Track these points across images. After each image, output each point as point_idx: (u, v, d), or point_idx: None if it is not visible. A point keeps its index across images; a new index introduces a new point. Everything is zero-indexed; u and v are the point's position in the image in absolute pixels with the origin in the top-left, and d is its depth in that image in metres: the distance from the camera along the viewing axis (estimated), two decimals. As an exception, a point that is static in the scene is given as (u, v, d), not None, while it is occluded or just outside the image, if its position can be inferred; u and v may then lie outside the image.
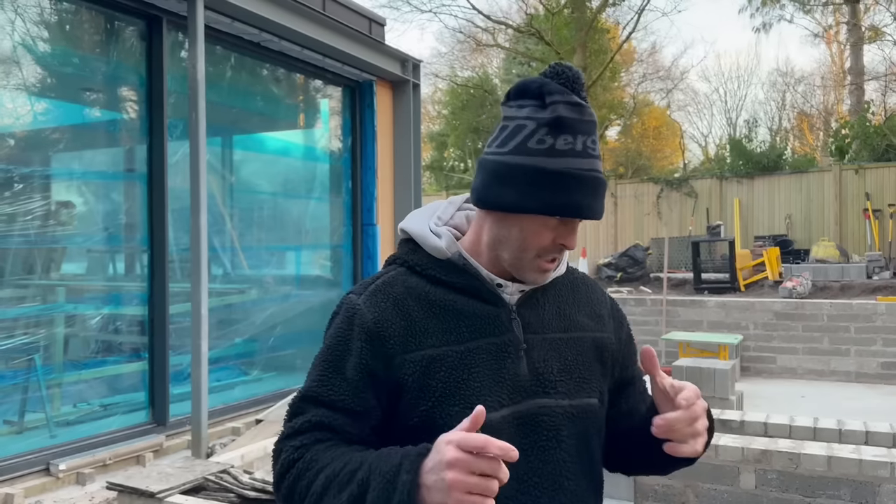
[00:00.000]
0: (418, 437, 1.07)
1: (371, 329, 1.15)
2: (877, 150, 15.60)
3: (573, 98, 1.13)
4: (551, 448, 1.13)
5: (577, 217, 1.12)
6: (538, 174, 1.11)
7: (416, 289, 1.18)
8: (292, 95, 7.58)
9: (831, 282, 10.63)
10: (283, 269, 7.42)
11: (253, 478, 3.34)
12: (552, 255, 1.16)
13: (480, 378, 1.12)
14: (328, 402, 1.14)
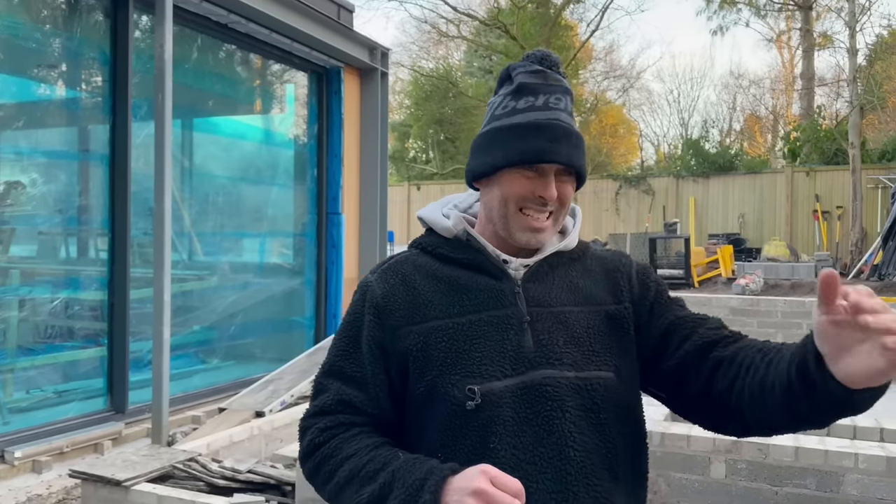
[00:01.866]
0: (424, 405, 1.15)
1: (379, 303, 1.21)
2: (826, 153, 16.10)
3: (534, 66, 1.22)
4: (556, 418, 1.13)
5: (539, 160, 1.16)
6: (500, 132, 1.20)
7: (425, 266, 1.24)
8: (258, 79, 7.44)
9: (782, 280, 10.95)
10: (244, 257, 7.29)
11: (222, 466, 3.27)
12: (534, 208, 1.19)
13: (481, 349, 1.15)
14: (348, 376, 1.21)
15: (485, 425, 1.12)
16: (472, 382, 1.12)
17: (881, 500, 3.12)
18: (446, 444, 1.13)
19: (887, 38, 20.70)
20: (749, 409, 1.10)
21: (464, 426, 1.13)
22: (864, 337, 0.89)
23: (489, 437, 1.12)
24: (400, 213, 17.09)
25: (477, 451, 1.11)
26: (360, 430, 1.18)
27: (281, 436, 4.78)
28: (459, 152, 22.17)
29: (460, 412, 1.12)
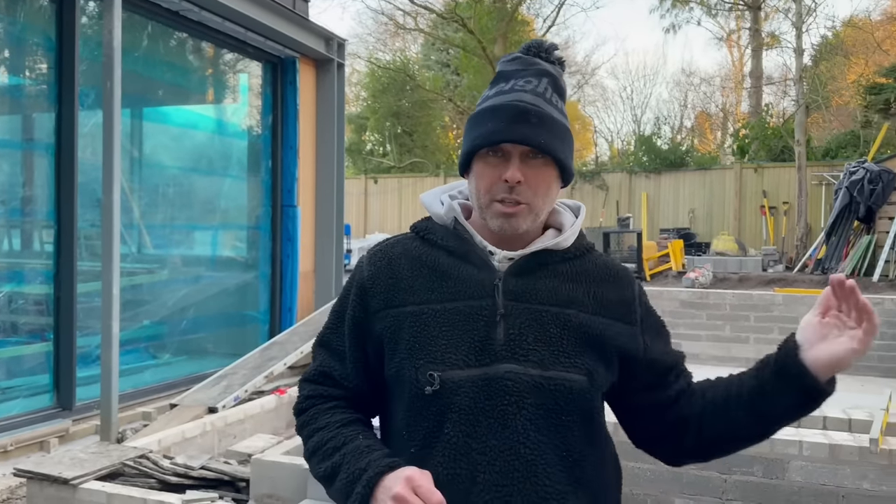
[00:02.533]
0: (394, 385, 1.21)
1: (364, 284, 1.26)
2: (774, 150, 16.54)
3: (513, 55, 1.26)
4: (511, 413, 1.13)
5: (491, 141, 1.17)
6: (469, 122, 1.24)
7: (414, 251, 1.27)
8: (211, 69, 7.29)
9: (730, 273, 11.22)
10: (196, 250, 7.15)
11: (174, 463, 3.22)
12: (504, 195, 1.18)
13: (448, 337, 1.17)
14: (333, 349, 1.29)
15: (441, 411, 1.15)
16: (434, 368, 1.15)
17: (823, 485, 3.23)
18: (408, 423, 1.18)
19: (831, 40, 21.36)
20: (709, 424, 1.22)
21: (423, 409, 1.16)
22: (841, 332, 1.13)
23: (444, 423, 1.14)
24: (357, 205, 16.97)
25: (432, 434, 1.15)
26: (335, 404, 1.25)
27: (234, 432, 4.72)
28: (417, 145, 22.11)
29: (421, 395, 1.16)
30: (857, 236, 10.62)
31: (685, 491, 3.38)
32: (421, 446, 1.16)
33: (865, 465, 3.18)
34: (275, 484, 3.32)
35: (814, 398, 1.17)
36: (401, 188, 17.11)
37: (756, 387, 1.19)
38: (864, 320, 1.11)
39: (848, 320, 1.13)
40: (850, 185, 10.38)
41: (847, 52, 21.19)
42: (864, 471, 3.18)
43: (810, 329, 1.16)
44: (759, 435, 1.24)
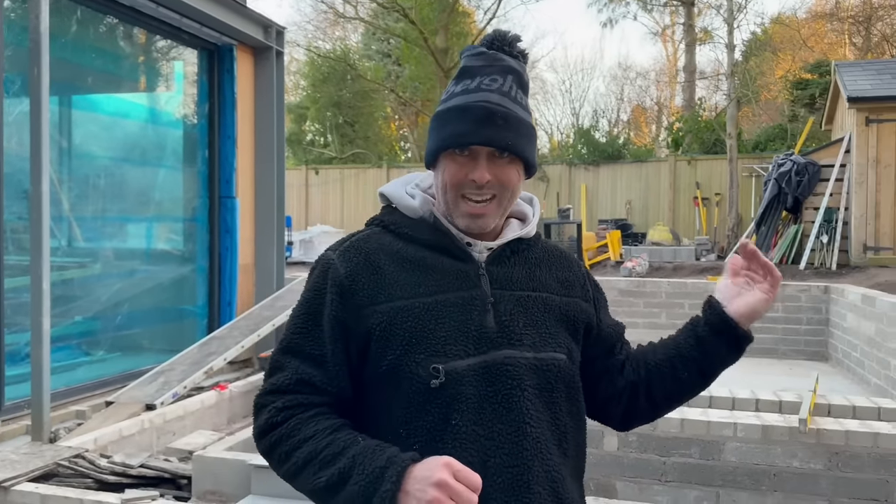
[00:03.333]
0: (386, 382, 1.18)
1: (343, 282, 1.22)
2: (706, 143, 17.04)
3: (477, 48, 1.26)
4: (515, 396, 1.19)
5: (459, 143, 1.20)
6: (436, 118, 1.25)
7: (389, 245, 1.25)
8: (143, 55, 7.06)
9: (665, 262, 11.52)
10: (130, 243, 6.93)
11: (111, 462, 3.12)
12: (472, 194, 1.21)
13: (446, 329, 1.18)
14: (307, 354, 1.21)
15: (447, 402, 1.15)
16: (436, 361, 1.16)
17: (757, 465, 3.37)
18: (408, 420, 1.17)
19: (760, 36, 22.12)
20: (658, 386, 1.35)
21: (426, 403, 1.16)
22: (751, 287, 1.30)
23: (451, 414, 1.15)
24: (297, 197, 16.72)
25: (438, 427, 1.15)
26: (318, 412, 1.19)
27: (174, 428, 4.61)
28: (359, 136, 21.89)
29: (424, 389, 1.15)
30: (786, 226, 11.05)
31: (626, 474, 3.47)
32: (426, 441, 1.15)
33: (795, 444, 3.32)
34: (218, 480, 3.26)
35: (741, 347, 1.33)
36: (343, 179, 16.94)
37: (695, 346, 1.32)
38: (769, 274, 1.29)
39: (757, 277, 1.30)
40: (779, 176, 10.78)
41: (775, 49, 21.99)
42: (793, 450, 3.32)
43: (725, 289, 1.32)
44: (700, 388, 1.38)
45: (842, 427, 3.35)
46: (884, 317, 6.66)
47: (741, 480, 3.38)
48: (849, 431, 3.31)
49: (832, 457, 3.31)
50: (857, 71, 10.90)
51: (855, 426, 3.37)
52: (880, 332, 6.74)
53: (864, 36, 20.73)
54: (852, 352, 7.59)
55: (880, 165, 9.86)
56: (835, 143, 10.96)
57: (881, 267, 9.44)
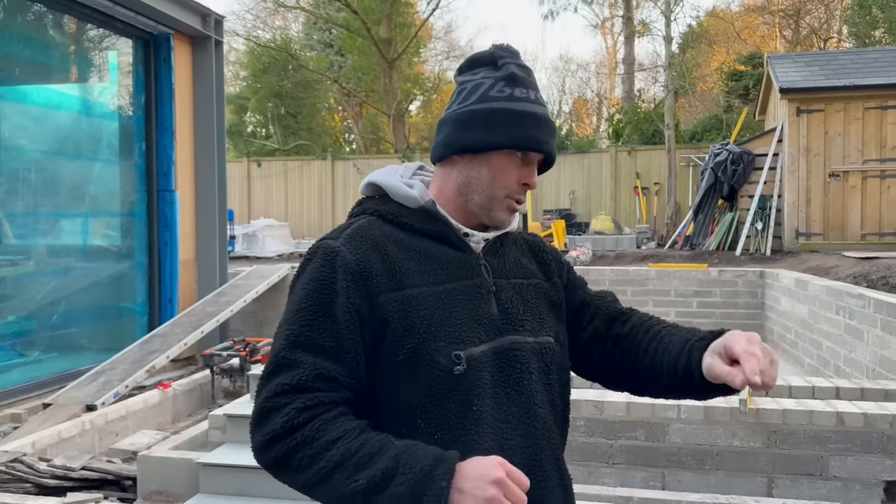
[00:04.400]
0: (403, 371, 1.17)
1: (354, 269, 1.19)
2: (646, 134, 17.40)
3: (522, 61, 1.31)
4: (524, 380, 1.24)
5: (540, 150, 1.26)
6: (503, 114, 1.24)
7: (391, 234, 1.25)
8: (75, 45, 6.81)
9: (608, 251, 11.74)
10: (64, 239, 6.69)
11: (52, 465, 3.02)
12: (518, 195, 1.28)
13: (461, 316, 1.20)
14: (321, 347, 1.15)
15: (468, 389, 1.17)
16: (456, 348, 1.17)
17: (700, 445, 3.47)
18: (427, 408, 1.16)
19: (696, 29, 22.68)
20: (643, 382, 1.38)
21: (448, 390, 1.16)
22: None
23: (472, 400, 1.17)
24: (239, 190, 16.37)
25: (460, 414, 1.16)
26: (340, 412, 1.13)
27: (116, 429, 4.49)
28: (302, 127, 21.55)
29: (446, 377, 1.16)
30: (722, 214, 11.37)
31: (574, 458, 3.54)
32: (448, 428, 1.15)
33: (736, 424, 3.44)
34: (164, 480, 3.19)
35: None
36: (286, 172, 16.67)
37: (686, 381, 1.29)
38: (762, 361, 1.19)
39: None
40: (715, 165, 11.09)
41: (710, 41, 22.58)
42: (734, 429, 3.44)
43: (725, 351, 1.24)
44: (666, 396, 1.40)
45: (779, 406, 3.48)
46: (816, 299, 6.94)
47: (685, 461, 3.48)
48: (786, 410, 3.45)
49: (770, 435, 3.44)
50: (787, 63, 11.27)
51: (791, 405, 3.51)
52: (813, 314, 7.03)
53: (793, 29, 21.48)
54: (787, 334, 7.89)
55: (810, 154, 10.25)
56: (768, 133, 11.33)
57: (812, 252, 9.82)
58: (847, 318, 6.14)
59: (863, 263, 7.86)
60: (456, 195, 1.28)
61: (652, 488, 3.43)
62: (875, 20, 18.30)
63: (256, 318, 8.55)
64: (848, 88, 10.06)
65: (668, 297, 8.93)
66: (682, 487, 3.44)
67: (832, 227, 10.22)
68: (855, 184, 10.14)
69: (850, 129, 10.13)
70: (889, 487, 3.38)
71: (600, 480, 3.50)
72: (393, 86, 17.63)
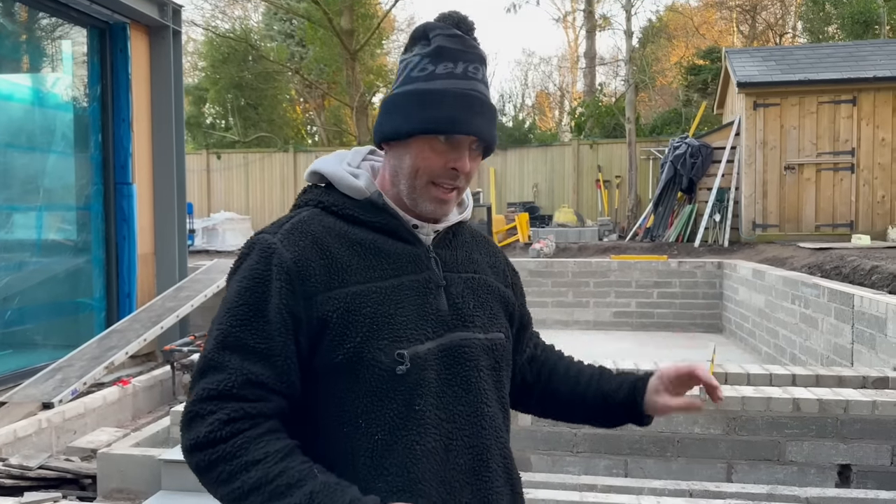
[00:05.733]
0: (343, 372, 1.12)
1: (291, 268, 1.13)
2: (607, 127, 17.59)
3: (453, 31, 1.20)
4: (473, 378, 1.19)
5: (458, 131, 1.16)
6: (416, 96, 1.17)
7: (334, 228, 1.18)
8: (26, 34, 6.61)
9: (571, 243, 11.85)
10: (16, 234, 6.51)
11: (7, 464, 2.94)
12: (446, 181, 1.19)
13: (406, 313, 1.15)
14: (251, 349, 1.10)
15: (411, 388, 1.13)
16: (399, 347, 1.12)
17: (661, 432, 3.54)
18: (368, 409, 1.12)
19: (656, 23, 22.97)
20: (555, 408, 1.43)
21: (390, 391, 1.12)
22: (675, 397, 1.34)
23: (415, 400, 1.13)
24: (199, 182, 16.11)
25: (402, 414, 1.12)
26: (267, 429, 1.08)
27: (74, 427, 4.39)
28: (262, 119, 21.26)
29: (388, 377, 1.12)
30: (681, 206, 11.56)
31: (539, 447, 3.57)
32: (389, 429, 1.11)
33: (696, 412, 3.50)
34: (125, 478, 3.13)
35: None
36: (247, 164, 16.46)
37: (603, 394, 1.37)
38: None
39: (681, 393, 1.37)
40: (675, 159, 11.27)
41: (670, 36, 22.90)
42: (694, 417, 3.51)
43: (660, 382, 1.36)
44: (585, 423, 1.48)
45: (738, 393, 3.56)
46: (772, 289, 7.11)
47: (647, 448, 3.54)
48: (744, 397, 3.53)
49: (730, 422, 3.51)
50: (745, 58, 11.50)
51: (750, 392, 3.59)
52: (769, 303, 7.19)
53: (750, 24, 21.90)
54: (744, 323, 8.07)
55: (767, 147, 10.48)
56: (726, 127, 11.55)
57: (768, 243, 10.05)
58: (802, 307, 6.30)
59: (817, 254, 8.07)
60: (390, 185, 1.22)
61: (615, 475, 3.48)
62: (828, 16, 18.75)
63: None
64: (803, 83, 10.30)
65: (629, 289, 9.06)
66: (645, 474, 3.50)
67: (788, 219, 10.47)
68: (809, 176, 10.40)
69: (804, 123, 10.38)
70: (843, 471, 3.49)
71: (565, 469, 3.54)
72: (355, 77, 17.51)
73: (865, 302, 5.01)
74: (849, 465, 3.47)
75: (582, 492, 2.97)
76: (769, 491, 3.09)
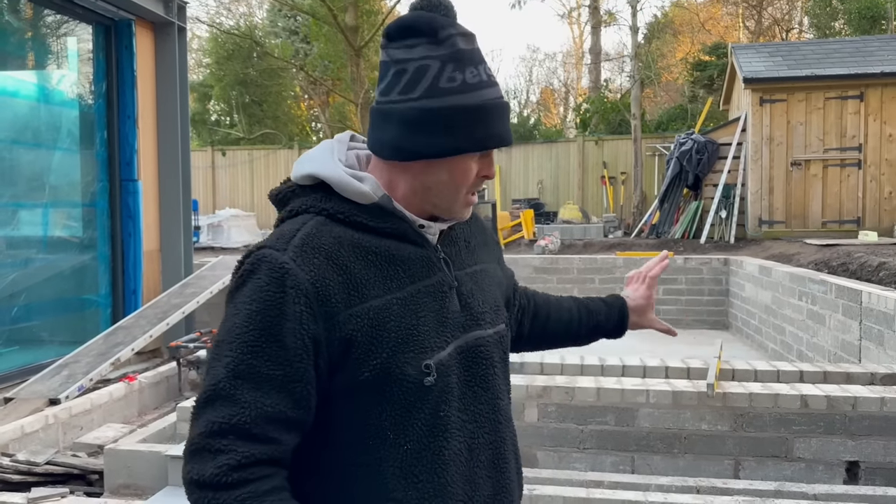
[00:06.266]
0: (370, 389, 1.08)
1: (309, 290, 1.05)
2: (612, 123, 17.55)
3: (464, 28, 1.14)
4: (489, 375, 1.20)
5: (503, 145, 1.15)
6: (461, 112, 1.10)
7: (345, 238, 1.11)
8: (32, 30, 6.62)
9: (576, 240, 11.84)
10: (23, 230, 6.52)
11: (15, 460, 2.95)
12: (477, 188, 1.20)
13: (427, 322, 1.13)
14: (267, 377, 1.03)
15: (438, 396, 1.12)
16: (424, 357, 1.10)
17: (668, 429, 3.52)
18: (397, 422, 1.09)
19: (661, 19, 22.90)
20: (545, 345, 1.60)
21: (418, 401, 1.10)
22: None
23: (440, 407, 1.12)
24: (204, 179, 16.13)
25: (429, 423, 1.11)
26: (273, 486, 1.03)
27: (81, 423, 4.40)
28: (267, 116, 21.26)
29: (416, 389, 1.09)
30: (687, 203, 11.53)
31: (546, 444, 3.56)
32: (417, 438, 1.09)
33: (703, 408, 3.49)
34: (132, 474, 3.13)
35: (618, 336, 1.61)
36: (252, 161, 16.47)
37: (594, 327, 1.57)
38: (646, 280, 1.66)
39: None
40: (680, 155, 11.23)
41: (675, 31, 22.82)
42: (702, 413, 3.50)
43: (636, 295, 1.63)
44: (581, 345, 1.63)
45: (745, 390, 3.54)
46: (779, 286, 7.08)
47: (654, 444, 3.53)
48: (752, 394, 3.51)
49: (737, 418, 3.50)
50: (751, 53, 11.44)
51: (757, 388, 3.57)
52: (776, 300, 7.16)
53: (756, 20, 21.79)
54: (751, 320, 8.04)
55: (773, 143, 10.43)
56: (732, 123, 11.50)
57: (775, 239, 10.01)
58: (809, 303, 6.27)
59: (824, 250, 8.04)
60: (412, 196, 1.16)
61: (622, 472, 3.47)
62: (835, 11, 18.66)
63: (223, 309, 8.43)
64: (809, 78, 10.25)
65: (635, 285, 9.04)
66: (652, 471, 3.49)
67: (794, 215, 10.42)
68: (816, 172, 10.35)
69: (811, 119, 10.33)
70: (851, 468, 3.47)
71: (571, 465, 3.53)
72: (360, 74, 17.48)
73: (873, 298, 4.98)
74: (857, 462, 3.45)
75: (588, 488, 2.96)
76: (777, 488, 3.07)
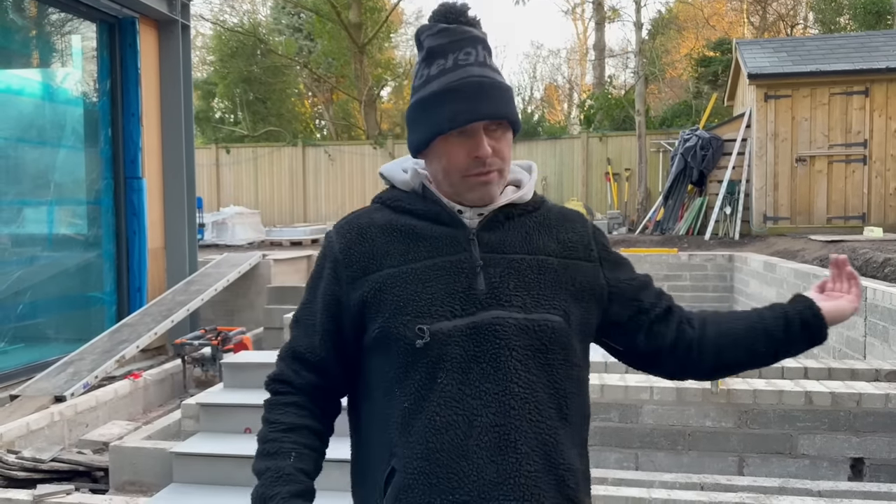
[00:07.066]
0: (379, 347, 1.24)
1: (338, 257, 1.30)
2: (616, 120, 17.50)
3: (437, 26, 1.27)
4: (503, 357, 1.21)
5: (457, 125, 1.22)
6: (419, 105, 1.27)
7: (383, 219, 1.31)
8: (36, 29, 6.63)
9: (581, 237, 11.80)
10: (28, 228, 6.55)
11: (20, 457, 2.96)
12: (475, 170, 1.25)
13: (432, 291, 1.23)
14: (303, 324, 1.34)
15: (433, 362, 1.20)
16: (422, 322, 1.21)
17: (672, 425, 3.52)
18: (399, 379, 1.22)
19: (665, 15, 22.82)
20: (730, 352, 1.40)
21: (413, 363, 1.21)
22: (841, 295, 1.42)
23: (437, 373, 1.20)
24: (208, 177, 16.14)
25: (425, 386, 1.21)
26: (293, 400, 1.30)
27: (86, 420, 4.42)
28: (271, 113, 21.27)
29: (411, 350, 1.21)
30: (691, 199, 11.49)
31: (550, 442, 3.56)
32: (414, 399, 1.20)
33: (707, 405, 3.49)
34: (137, 470, 3.15)
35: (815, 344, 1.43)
36: (256, 158, 16.46)
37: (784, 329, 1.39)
38: (854, 284, 1.42)
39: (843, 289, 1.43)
40: (685, 151, 11.19)
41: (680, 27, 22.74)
42: (706, 410, 3.49)
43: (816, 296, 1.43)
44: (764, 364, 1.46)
45: (749, 387, 3.54)
46: (784, 282, 7.06)
47: (658, 441, 3.52)
48: (756, 390, 3.51)
49: (741, 415, 3.50)
50: (756, 49, 11.39)
51: (761, 385, 3.57)
52: (781, 296, 7.15)
53: (761, 15, 21.70)
54: (755, 316, 8.01)
55: (778, 139, 10.39)
56: (736, 119, 11.46)
57: (779, 235, 9.98)
58: (814, 299, 6.25)
59: (829, 247, 8.01)
60: (438, 184, 1.31)
61: (626, 469, 3.47)
62: (840, 7, 18.57)
63: (227, 306, 8.46)
64: (814, 74, 10.20)
65: (639, 282, 9.02)
66: (655, 468, 3.49)
67: (799, 211, 10.39)
68: (821, 168, 10.32)
69: (816, 115, 10.29)
70: (855, 464, 3.46)
71: (575, 462, 3.52)
72: (364, 71, 17.49)
73: (878, 294, 4.97)
74: (861, 459, 3.44)
75: (593, 485, 2.96)
76: (781, 484, 3.07)
